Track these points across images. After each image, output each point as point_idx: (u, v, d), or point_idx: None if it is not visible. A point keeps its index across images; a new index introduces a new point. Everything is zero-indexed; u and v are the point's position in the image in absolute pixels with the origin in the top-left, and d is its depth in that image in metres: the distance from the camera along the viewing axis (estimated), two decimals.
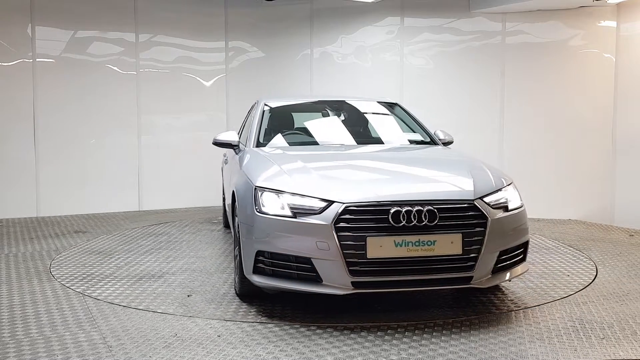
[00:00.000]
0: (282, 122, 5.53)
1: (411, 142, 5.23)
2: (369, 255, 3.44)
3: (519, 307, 3.99)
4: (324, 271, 3.50)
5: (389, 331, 3.50)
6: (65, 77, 7.97)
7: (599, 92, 7.54)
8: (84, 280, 4.67)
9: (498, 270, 3.75)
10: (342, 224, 3.47)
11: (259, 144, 4.95)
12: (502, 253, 3.73)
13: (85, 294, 4.28)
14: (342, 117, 5.66)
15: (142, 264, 5.20)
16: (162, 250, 5.77)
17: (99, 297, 4.19)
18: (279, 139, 5.13)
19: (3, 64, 7.67)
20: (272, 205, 3.68)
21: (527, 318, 3.75)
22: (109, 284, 4.55)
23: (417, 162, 4.63)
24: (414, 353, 3.17)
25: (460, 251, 3.52)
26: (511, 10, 7.74)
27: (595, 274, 4.89)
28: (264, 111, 5.41)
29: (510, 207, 3.82)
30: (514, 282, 4.58)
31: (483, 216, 3.60)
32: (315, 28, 8.90)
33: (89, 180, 8.09)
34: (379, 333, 3.46)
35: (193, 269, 5.00)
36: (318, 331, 3.49)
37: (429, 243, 3.49)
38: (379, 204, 3.53)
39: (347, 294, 3.52)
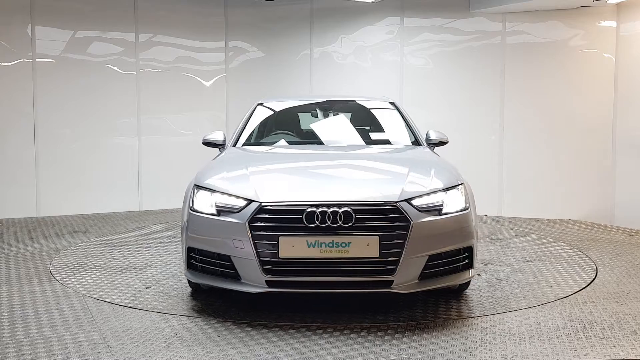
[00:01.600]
0: (268, 122, 5.59)
1: (390, 142, 5.13)
2: (281, 255, 3.46)
3: (519, 307, 3.98)
4: (241, 269, 3.57)
5: (389, 331, 3.50)
6: (65, 77, 7.97)
7: (599, 92, 7.54)
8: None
9: (429, 275, 3.61)
10: (257, 224, 3.51)
11: (236, 144, 5.07)
12: (432, 258, 3.58)
13: (85, 293, 4.28)
14: (330, 118, 5.64)
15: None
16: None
17: (98, 297, 4.19)
18: (256, 139, 5.23)
19: (3, 64, 7.66)
20: (203, 203, 3.80)
21: (527, 318, 3.75)
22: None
23: (363, 163, 4.52)
24: (413, 353, 3.17)
25: (377, 254, 3.44)
26: (511, 10, 7.74)
27: (595, 274, 4.89)
28: (253, 111, 5.54)
29: (445, 210, 3.66)
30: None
31: (406, 219, 3.49)
32: (315, 28, 8.90)
33: (89, 181, 8.09)
34: (379, 333, 3.47)
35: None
36: (318, 331, 3.49)
37: (343, 245, 3.43)
38: (293, 204, 3.53)
39: (260, 293, 3.55)
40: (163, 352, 3.17)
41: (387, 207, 3.51)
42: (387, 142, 5.12)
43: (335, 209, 3.46)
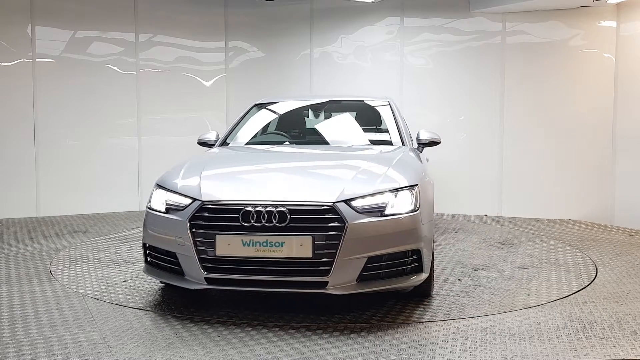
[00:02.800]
0: (258, 122, 5.64)
1: (372, 142, 5.07)
2: (217, 253, 3.52)
3: (519, 307, 3.99)
4: (185, 266, 3.66)
5: (388, 331, 3.50)
6: (65, 77, 7.97)
7: (599, 92, 7.54)
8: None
9: (369, 277, 3.54)
10: (197, 222, 3.58)
11: (223, 144, 5.22)
12: (372, 260, 3.53)
13: (85, 293, 4.29)
14: (319, 118, 5.67)
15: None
16: None
17: (98, 297, 4.19)
18: (242, 139, 5.29)
19: (3, 64, 7.67)
20: (157, 201, 3.93)
21: (528, 318, 3.75)
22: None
23: (321, 163, 4.50)
24: (413, 353, 3.17)
25: (310, 254, 3.42)
26: (511, 10, 7.75)
27: (595, 274, 4.89)
28: (248, 111, 5.65)
29: (389, 212, 3.58)
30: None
31: (341, 220, 3.45)
32: (315, 28, 8.90)
33: (89, 181, 8.09)
34: (378, 333, 3.47)
35: None
36: (318, 331, 3.49)
37: (277, 244, 3.44)
38: (231, 203, 3.59)
39: (200, 289, 3.65)
40: (163, 352, 3.17)
41: (323, 207, 3.48)
42: (370, 141, 5.07)
43: (271, 208, 3.48)
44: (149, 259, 4.01)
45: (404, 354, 3.16)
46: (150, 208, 3.96)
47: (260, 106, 5.82)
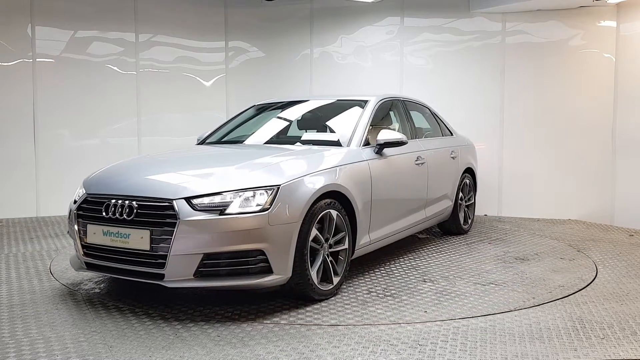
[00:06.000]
0: (238, 122, 5.79)
1: (316, 142, 4.94)
2: (87, 240, 3.97)
3: (519, 307, 3.99)
4: (77, 251, 4.13)
5: (388, 331, 3.50)
6: (65, 77, 7.97)
7: (599, 92, 7.54)
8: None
9: (207, 274, 3.63)
10: (80, 212, 4.06)
11: (203, 142, 5.58)
12: (210, 257, 3.61)
13: (85, 293, 4.29)
14: (299, 118, 5.65)
15: None
16: None
17: (98, 297, 4.19)
18: (219, 137, 5.56)
19: (3, 64, 7.67)
20: (77, 192, 4.34)
21: (527, 318, 3.75)
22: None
23: (212, 163, 4.55)
24: (413, 353, 3.17)
25: (148, 247, 3.67)
26: (511, 10, 7.75)
27: (595, 274, 4.89)
28: (243, 112, 5.85)
29: (232, 211, 3.63)
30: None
31: (175, 216, 3.61)
32: (315, 28, 8.90)
33: None
34: (378, 333, 3.47)
35: None
36: (318, 331, 3.49)
37: (125, 236, 3.77)
38: (100, 196, 4.01)
39: (80, 271, 4.09)
40: (163, 352, 3.17)
41: (163, 204, 3.69)
42: (318, 142, 4.92)
43: (125, 202, 3.81)
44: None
45: (404, 354, 3.16)
46: (74, 200, 4.33)
47: (255, 107, 5.99)
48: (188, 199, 3.67)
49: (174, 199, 3.67)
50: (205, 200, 3.68)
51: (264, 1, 8.88)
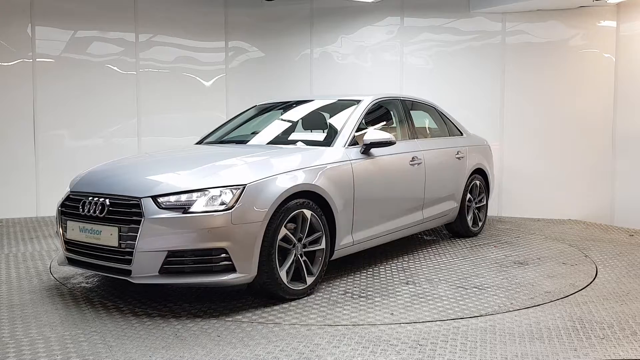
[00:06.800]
0: (237, 122, 5.82)
1: (305, 142, 4.96)
2: (67, 236, 4.12)
3: (519, 307, 3.98)
4: (60, 246, 4.28)
5: (388, 331, 3.50)
6: (65, 77, 7.97)
7: (599, 92, 7.54)
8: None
9: (172, 271, 3.69)
10: (62, 208, 4.21)
11: (201, 141, 5.62)
12: (173, 254, 3.66)
13: (85, 293, 4.29)
14: (299, 118, 5.59)
15: None
16: None
17: (98, 297, 4.19)
18: (219, 137, 5.58)
19: (3, 64, 7.67)
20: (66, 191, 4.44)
21: (527, 318, 3.75)
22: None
23: (197, 162, 4.47)
24: (413, 353, 3.17)
25: (116, 244, 3.77)
26: (511, 10, 7.75)
27: (595, 274, 4.89)
28: (243, 112, 5.87)
29: (195, 210, 3.67)
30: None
31: (141, 214, 3.70)
32: (315, 28, 8.90)
33: None
34: (378, 333, 3.47)
35: None
36: (318, 331, 3.49)
37: (97, 232, 3.88)
38: (78, 193, 4.15)
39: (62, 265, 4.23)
40: (163, 352, 3.17)
41: (130, 202, 3.78)
42: (307, 142, 4.93)
43: (98, 200, 3.93)
44: None
45: (404, 354, 3.16)
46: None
47: (254, 107, 6.00)
48: (155, 197, 3.74)
49: (142, 197, 3.75)
50: (172, 198, 3.74)
51: (264, 1, 8.88)
